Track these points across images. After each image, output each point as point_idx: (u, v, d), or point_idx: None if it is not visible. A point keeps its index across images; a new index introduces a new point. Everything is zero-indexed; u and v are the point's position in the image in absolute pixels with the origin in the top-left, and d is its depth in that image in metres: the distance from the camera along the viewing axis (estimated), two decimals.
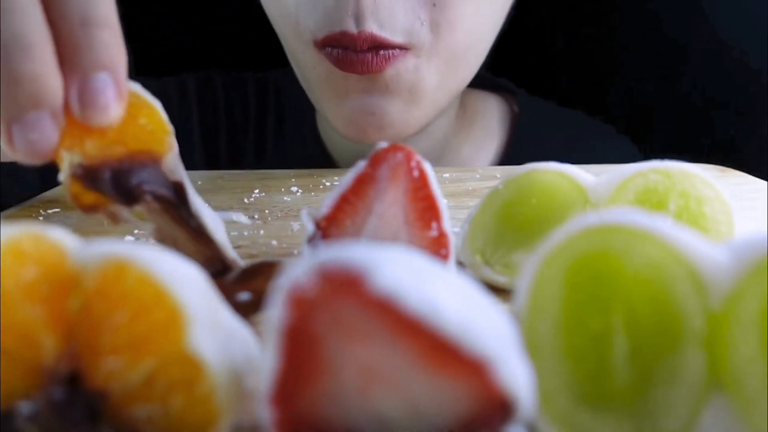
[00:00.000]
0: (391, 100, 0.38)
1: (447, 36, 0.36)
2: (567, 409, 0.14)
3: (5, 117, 0.18)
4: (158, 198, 0.21)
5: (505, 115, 0.53)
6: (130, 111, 0.20)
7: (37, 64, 0.18)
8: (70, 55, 0.19)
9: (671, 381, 0.14)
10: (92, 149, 0.20)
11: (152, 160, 0.21)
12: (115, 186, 0.20)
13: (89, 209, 0.21)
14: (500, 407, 0.12)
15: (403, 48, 0.36)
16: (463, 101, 0.51)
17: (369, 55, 0.35)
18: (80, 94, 0.19)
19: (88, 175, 0.20)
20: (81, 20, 0.19)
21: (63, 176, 0.20)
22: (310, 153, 0.51)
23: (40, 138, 0.19)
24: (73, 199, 0.21)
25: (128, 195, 0.20)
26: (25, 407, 0.13)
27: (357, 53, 0.35)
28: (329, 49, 0.36)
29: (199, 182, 0.41)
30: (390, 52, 0.35)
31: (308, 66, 0.39)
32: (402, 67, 0.36)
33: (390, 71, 0.36)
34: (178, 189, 0.22)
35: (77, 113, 0.19)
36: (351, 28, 0.34)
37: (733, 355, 0.13)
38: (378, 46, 0.35)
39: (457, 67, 0.39)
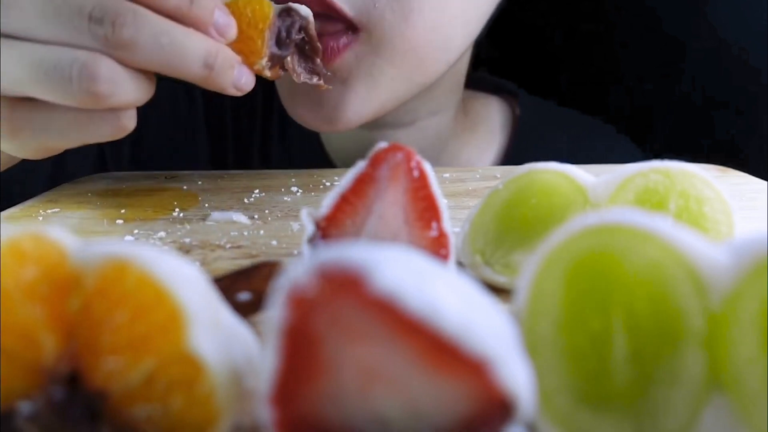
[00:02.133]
0: (341, 89, 0.37)
1: (400, 26, 0.36)
2: (567, 409, 0.14)
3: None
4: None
5: (506, 118, 0.53)
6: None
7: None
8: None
9: (671, 381, 0.14)
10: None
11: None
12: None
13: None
14: (500, 407, 0.12)
15: (352, 29, 0.35)
16: (464, 104, 0.51)
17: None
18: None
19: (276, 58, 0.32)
20: None
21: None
22: (312, 156, 0.51)
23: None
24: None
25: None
26: (25, 407, 0.13)
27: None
28: None
29: (200, 182, 0.41)
30: (340, 42, 0.35)
31: None
32: (351, 57, 0.36)
33: (339, 62, 0.36)
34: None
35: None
36: None
37: (733, 355, 0.13)
38: (327, 9, 0.34)
39: (418, 61, 0.38)
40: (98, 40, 0.26)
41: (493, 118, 0.53)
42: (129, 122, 0.29)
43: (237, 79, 0.30)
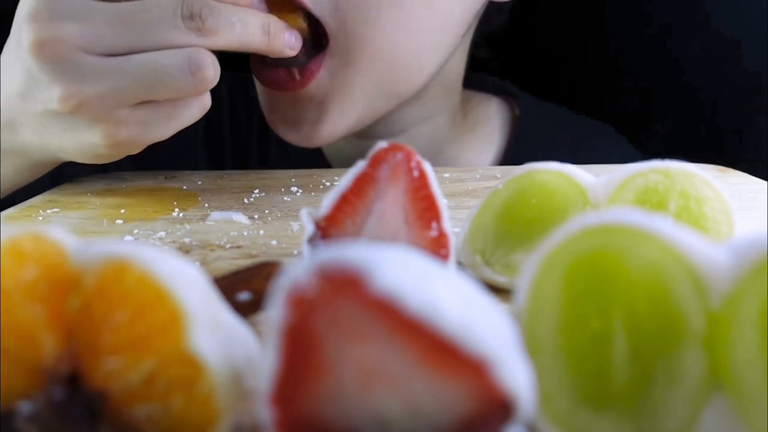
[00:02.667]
0: (317, 111, 0.39)
1: (363, 25, 0.36)
2: (567, 409, 0.14)
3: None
4: None
5: (506, 119, 0.53)
6: None
7: None
8: None
9: (671, 381, 0.14)
10: None
11: None
12: None
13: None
14: (500, 407, 0.12)
15: (319, 37, 0.36)
16: (463, 106, 0.51)
17: (282, 74, 0.37)
18: None
19: None
20: None
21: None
22: (310, 159, 0.51)
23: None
24: None
25: None
26: (25, 407, 0.13)
27: (278, 69, 0.37)
28: (259, 64, 0.38)
29: (200, 182, 0.41)
30: (311, 64, 0.37)
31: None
32: (325, 76, 0.38)
33: (314, 85, 0.38)
34: None
35: None
36: None
37: (733, 355, 0.13)
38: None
39: (388, 69, 0.39)
40: (193, 33, 0.31)
41: (492, 119, 0.53)
42: (209, 100, 0.34)
43: (288, 40, 0.34)
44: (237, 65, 0.60)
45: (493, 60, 0.57)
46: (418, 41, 0.39)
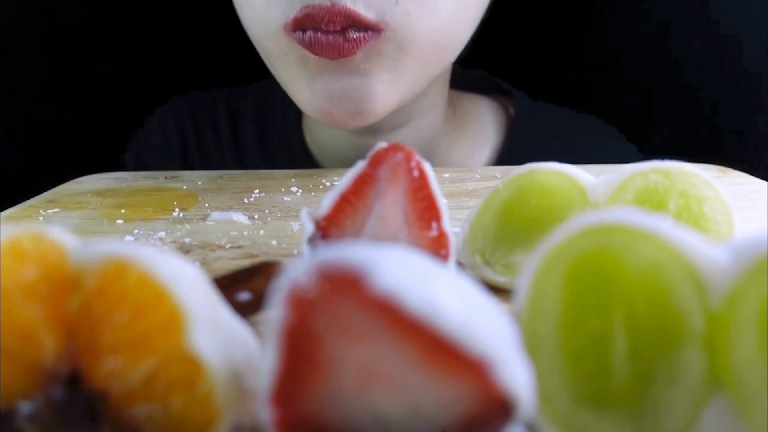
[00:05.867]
0: (364, 82, 0.37)
1: (421, 16, 0.36)
2: (567, 409, 0.14)
3: None
4: None
5: (499, 117, 0.53)
6: None
7: None
8: None
9: (671, 381, 0.14)
10: None
11: None
12: None
13: None
14: (500, 407, 0.12)
15: (375, 30, 0.35)
16: (452, 103, 0.51)
17: (340, 39, 0.34)
18: None
19: None
20: None
21: None
22: (301, 165, 0.51)
23: None
24: None
25: None
26: (25, 407, 0.13)
27: (328, 34, 0.34)
28: (300, 33, 0.35)
29: (200, 182, 0.41)
30: (361, 34, 0.35)
31: (278, 53, 0.38)
32: (373, 50, 0.36)
33: (361, 54, 0.35)
34: None
35: None
36: (324, 0, 0.34)
37: (733, 355, 0.13)
38: (351, 24, 0.34)
39: (434, 51, 0.38)
40: None
41: (483, 117, 0.53)
42: None
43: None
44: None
45: (491, 57, 0.57)
46: (460, 22, 0.39)
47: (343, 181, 0.22)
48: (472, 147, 0.51)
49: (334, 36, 0.34)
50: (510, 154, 0.50)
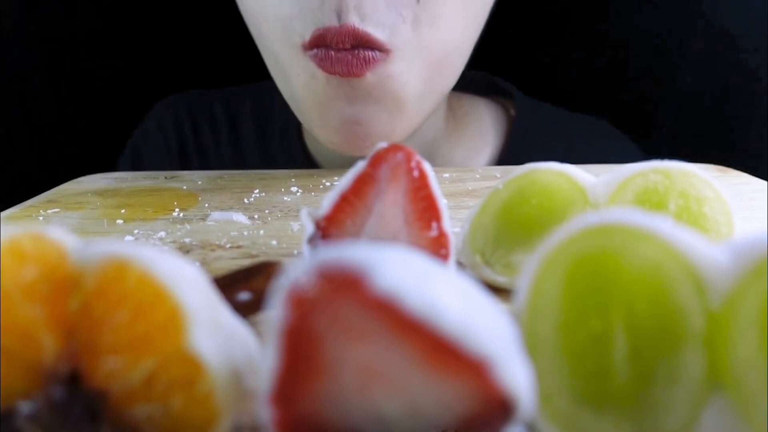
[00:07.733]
0: (376, 108, 0.37)
1: (429, 35, 0.36)
2: (567, 409, 0.14)
3: None
4: None
5: (499, 118, 0.53)
6: None
7: None
8: None
9: (671, 381, 0.14)
10: None
11: None
12: None
13: None
14: (500, 407, 0.12)
15: (384, 50, 0.35)
16: (451, 104, 0.51)
17: (349, 56, 0.35)
18: None
19: None
20: None
21: None
22: (300, 165, 0.51)
23: None
24: None
25: None
26: (25, 407, 0.13)
27: (338, 51, 0.35)
28: (315, 50, 0.36)
29: (200, 182, 0.41)
30: (370, 54, 0.35)
31: (294, 73, 0.38)
32: (383, 73, 0.36)
33: (371, 77, 0.36)
34: None
35: None
36: (333, 22, 0.34)
37: (733, 355, 0.13)
38: (360, 43, 0.35)
39: (441, 69, 0.38)
40: None
41: (482, 119, 0.53)
42: None
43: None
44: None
45: (492, 58, 0.57)
46: (467, 40, 0.39)
47: (343, 181, 0.22)
48: (472, 148, 0.51)
49: (343, 53, 0.35)
50: (510, 154, 0.50)
